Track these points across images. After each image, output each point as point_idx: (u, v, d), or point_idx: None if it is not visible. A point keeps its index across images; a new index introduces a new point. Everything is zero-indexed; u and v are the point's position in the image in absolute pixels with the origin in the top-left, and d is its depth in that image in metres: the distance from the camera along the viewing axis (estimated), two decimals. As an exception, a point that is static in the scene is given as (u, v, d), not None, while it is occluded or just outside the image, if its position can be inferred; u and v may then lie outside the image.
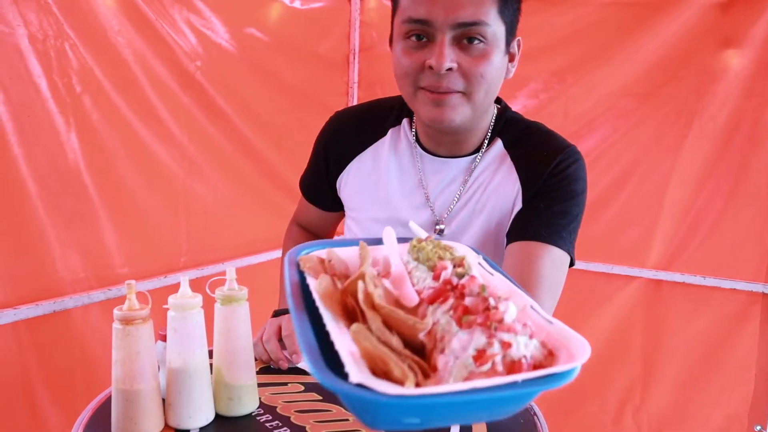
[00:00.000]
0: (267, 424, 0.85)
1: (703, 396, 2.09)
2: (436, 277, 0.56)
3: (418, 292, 0.55)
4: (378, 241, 0.67)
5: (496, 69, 0.94)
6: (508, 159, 1.04)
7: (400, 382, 0.44)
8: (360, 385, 0.42)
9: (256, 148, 2.07)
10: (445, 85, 0.92)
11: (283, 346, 1.06)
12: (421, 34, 0.92)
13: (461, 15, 0.89)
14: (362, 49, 2.46)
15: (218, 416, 0.87)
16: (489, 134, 1.05)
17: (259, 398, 0.91)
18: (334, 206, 1.20)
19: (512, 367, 0.45)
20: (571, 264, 1.02)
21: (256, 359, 0.94)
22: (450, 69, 0.91)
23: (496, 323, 0.47)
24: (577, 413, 2.25)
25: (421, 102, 0.96)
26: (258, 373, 0.94)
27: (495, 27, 0.92)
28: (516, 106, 2.23)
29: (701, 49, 1.97)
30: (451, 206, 1.05)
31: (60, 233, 1.47)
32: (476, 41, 0.91)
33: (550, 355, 0.48)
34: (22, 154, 1.37)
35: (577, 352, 0.47)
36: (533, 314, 0.54)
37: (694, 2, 1.94)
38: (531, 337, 0.48)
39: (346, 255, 0.64)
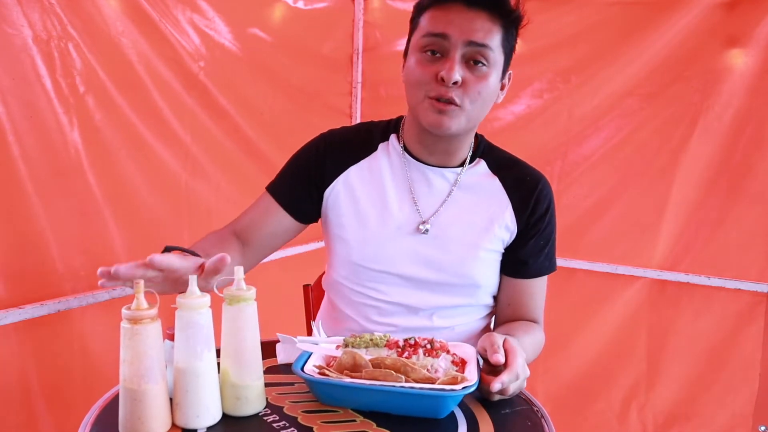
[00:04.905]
0: (274, 425, 0.84)
1: (708, 395, 2.09)
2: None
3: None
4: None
5: (490, 91, 1.09)
6: (497, 180, 1.19)
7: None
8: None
9: (259, 148, 2.07)
10: (450, 96, 1.05)
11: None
12: (436, 49, 1.06)
13: (473, 35, 1.04)
14: (366, 50, 2.45)
15: (225, 416, 0.86)
16: (471, 153, 1.20)
17: (266, 398, 0.90)
18: (306, 218, 1.24)
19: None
20: None
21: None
22: (456, 82, 1.04)
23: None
24: (583, 411, 2.25)
25: (426, 109, 1.08)
26: (265, 373, 0.94)
27: (497, 53, 1.07)
28: (520, 106, 2.22)
29: (706, 49, 1.97)
30: (436, 209, 1.17)
31: (63, 232, 1.46)
32: (480, 64, 1.06)
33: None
34: (26, 153, 1.37)
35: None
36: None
37: (699, 2, 1.94)
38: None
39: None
